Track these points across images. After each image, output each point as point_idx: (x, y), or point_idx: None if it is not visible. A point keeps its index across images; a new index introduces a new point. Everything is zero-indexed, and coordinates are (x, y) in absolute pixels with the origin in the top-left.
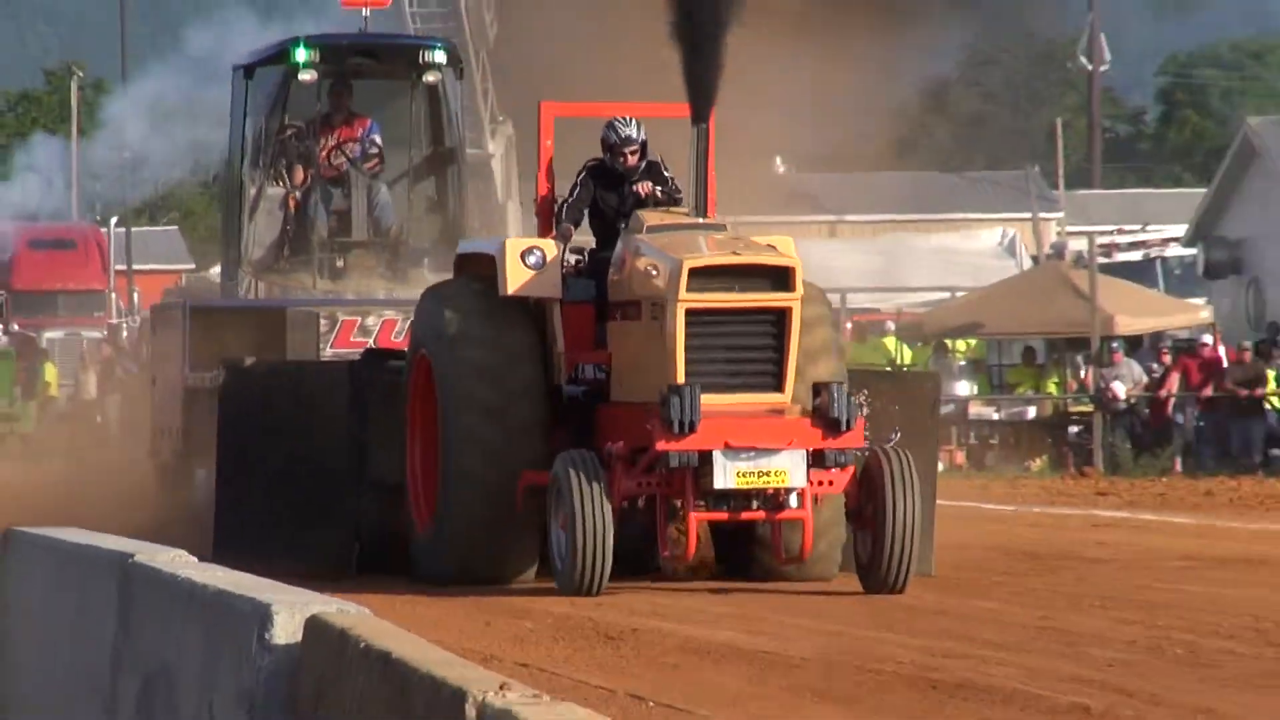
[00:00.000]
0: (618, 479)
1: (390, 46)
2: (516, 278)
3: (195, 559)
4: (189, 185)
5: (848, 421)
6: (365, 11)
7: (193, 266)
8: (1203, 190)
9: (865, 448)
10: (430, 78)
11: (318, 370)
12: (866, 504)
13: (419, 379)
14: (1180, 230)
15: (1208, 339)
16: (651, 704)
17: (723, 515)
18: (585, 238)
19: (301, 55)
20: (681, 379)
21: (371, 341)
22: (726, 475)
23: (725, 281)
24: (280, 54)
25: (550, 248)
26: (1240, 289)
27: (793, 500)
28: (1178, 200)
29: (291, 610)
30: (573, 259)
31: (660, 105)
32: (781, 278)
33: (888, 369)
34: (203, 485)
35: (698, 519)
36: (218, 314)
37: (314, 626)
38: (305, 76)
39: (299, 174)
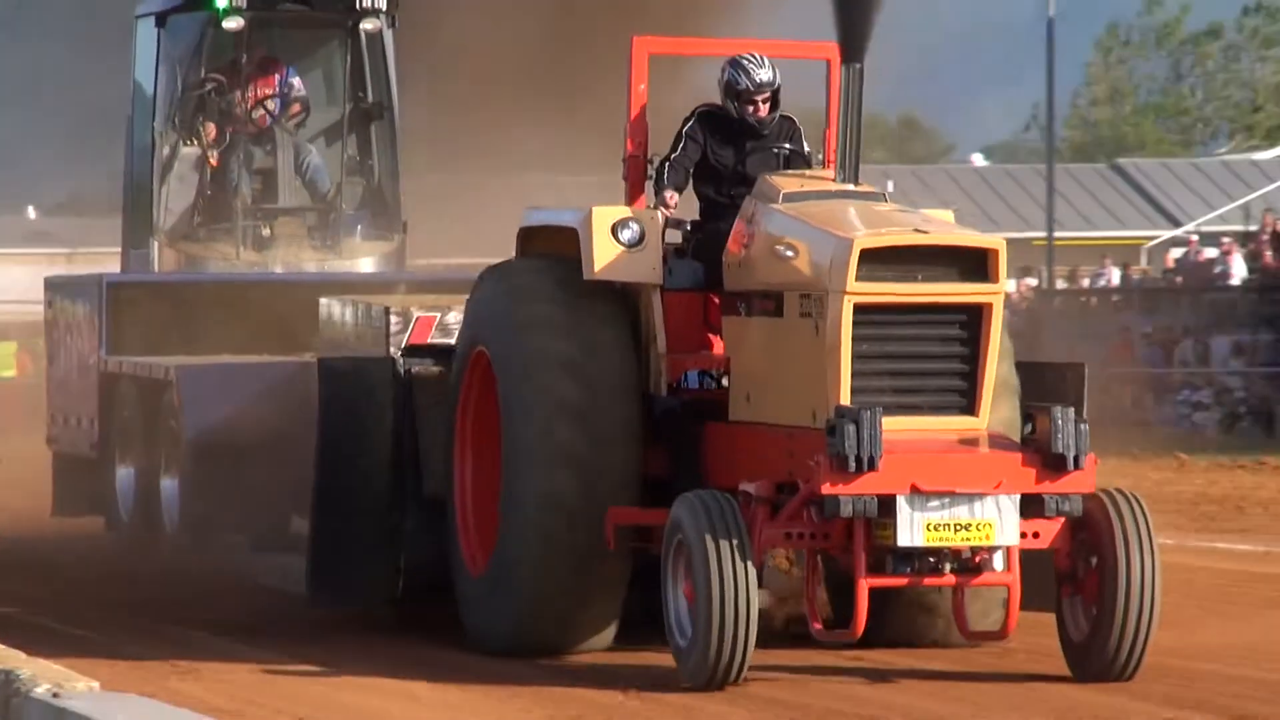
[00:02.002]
0: (757, 528)
1: None
2: (606, 256)
3: None
4: None
5: (1076, 459)
6: None
7: None
8: None
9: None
10: (369, 25)
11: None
12: (1081, 563)
13: (474, 382)
14: None
15: None
16: None
17: (903, 581)
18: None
19: (224, 0)
20: (847, 398)
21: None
22: (914, 529)
23: (903, 268)
24: None
25: (649, 220)
26: None
27: (996, 561)
28: None
29: None
30: (676, 234)
31: (794, 43)
32: (977, 263)
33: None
34: (125, 486)
35: (870, 585)
36: (138, 289)
37: None
38: (230, 24)
39: (214, 131)
